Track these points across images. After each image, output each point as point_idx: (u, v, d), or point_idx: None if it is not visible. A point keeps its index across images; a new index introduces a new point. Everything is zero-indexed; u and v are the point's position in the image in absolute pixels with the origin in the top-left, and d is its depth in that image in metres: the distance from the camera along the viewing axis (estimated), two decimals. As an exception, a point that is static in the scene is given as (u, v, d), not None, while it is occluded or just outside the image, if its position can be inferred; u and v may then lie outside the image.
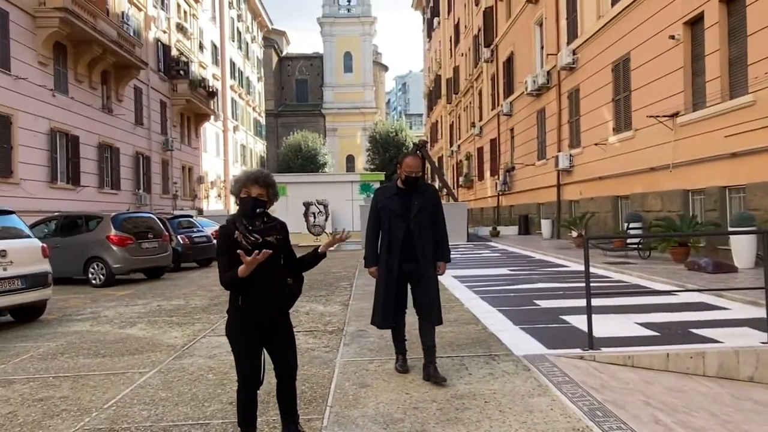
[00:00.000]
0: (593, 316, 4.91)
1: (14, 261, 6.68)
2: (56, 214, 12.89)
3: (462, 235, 20.18)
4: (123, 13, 24.25)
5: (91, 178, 21.04)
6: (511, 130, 25.65)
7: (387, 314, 4.19)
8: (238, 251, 2.67)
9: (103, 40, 20.21)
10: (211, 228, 15.20)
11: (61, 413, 3.75)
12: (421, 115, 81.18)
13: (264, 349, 2.95)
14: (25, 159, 16.94)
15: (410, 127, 54.46)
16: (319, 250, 3.06)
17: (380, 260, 4.21)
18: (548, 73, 20.17)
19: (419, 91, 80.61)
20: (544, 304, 7.24)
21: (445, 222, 4.35)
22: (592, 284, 5.18)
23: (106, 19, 20.98)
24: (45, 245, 7.45)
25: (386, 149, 47.63)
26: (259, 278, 2.77)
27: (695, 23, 11.79)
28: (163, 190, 28.36)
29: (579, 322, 5.87)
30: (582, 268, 11.10)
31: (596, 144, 16.07)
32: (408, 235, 4.12)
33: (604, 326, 5.57)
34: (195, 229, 14.55)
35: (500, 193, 27.03)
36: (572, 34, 18.22)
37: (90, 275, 11.03)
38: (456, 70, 39.13)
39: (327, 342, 5.55)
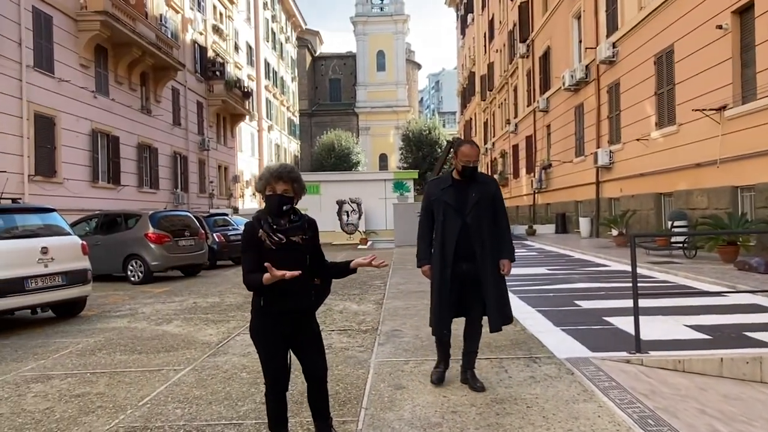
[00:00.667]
0: (639, 317, 4.67)
1: (55, 258, 6.81)
2: (97, 212, 13.18)
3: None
4: (161, 15, 24.73)
5: (131, 178, 21.51)
6: (548, 126, 25.13)
7: (442, 319, 3.81)
8: (266, 264, 2.55)
9: (142, 42, 20.63)
10: (246, 226, 15.33)
11: (96, 410, 3.75)
12: (454, 113, 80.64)
13: (292, 350, 2.84)
14: (67, 159, 17.43)
15: (443, 126, 54.04)
16: (350, 265, 2.87)
17: (434, 258, 3.86)
18: (587, 67, 19.65)
19: (452, 89, 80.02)
20: (585, 304, 6.98)
21: (507, 217, 4.00)
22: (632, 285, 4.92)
23: (144, 21, 21.41)
24: (85, 242, 7.57)
25: (419, 147, 47.43)
26: (283, 280, 2.60)
27: (744, 12, 11.24)
28: (200, 189, 28.84)
29: (623, 323, 5.62)
30: (624, 267, 10.77)
31: (638, 139, 15.55)
32: (464, 230, 3.75)
33: (651, 328, 5.31)
34: (230, 227, 14.71)
35: (536, 191, 26.51)
36: (612, 27, 17.68)
37: (129, 272, 11.23)
38: (490, 66, 38.60)
39: (361, 341, 5.44)
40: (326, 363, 2.93)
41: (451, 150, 24.83)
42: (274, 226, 2.70)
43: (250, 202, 36.69)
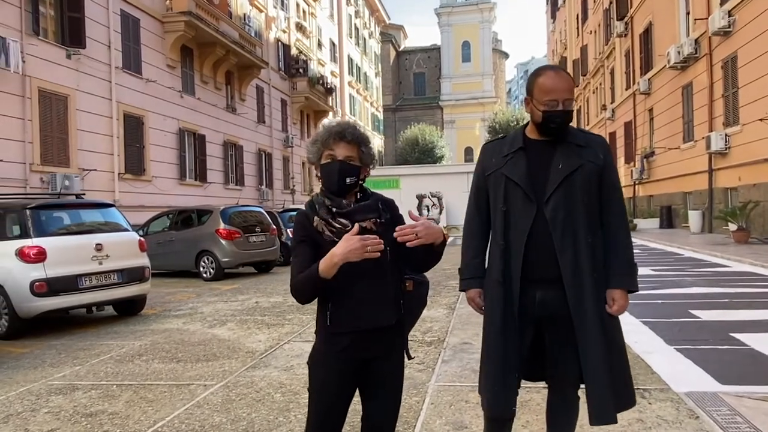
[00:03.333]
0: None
1: (110, 255, 6.55)
2: (171, 208, 13.23)
3: (592, 228, 18.11)
4: (245, 14, 25.10)
5: (217, 175, 21.94)
6: (650, 110, 22.82)
7: (501, 389, 2.13)
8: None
9: (226, 42, 20.89)
10: (321, 222, 14.96)
11: (100, 436, 3.21)
12: (544, 103, 77.02)
13: (358, 388, 1.96)
14: (156, 157, 17.93)
15: (533, 116, 51.63)
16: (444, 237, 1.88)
17: (488, 278, 2.21)
18: (696, 41, 17.42)
19: (543, 78, 76.45)
20: (704, 315, 5.69)
21: (625, 209, 2.28)
22: (762, 290, 3.71)
23: (228, 21, 21.71)
24: (143, 239, 7.31)
25: (507, 139, 45.48)
26: (353, 284, 1.81)
27: None
28: (285, 186, 29.15)
29: (760, 343, 4.38)
30: (749, 268, 9.11)
31: (761, 120, 13.41)
32: (540, 229, 2.09)
33: (802, 352, 4.05)
34: (304, 223, 14.37)
35: (636, 181, 24.24)
36: (728, -8, 15.48)
37: (201, 269, 11.09)
38: (584, 49, 36.11)
39: (423, 357, 4.60)
40: (396, 417, 1.97)
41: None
42: (334, 209, 1.87)
43: (334, 198, 36.76)
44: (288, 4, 30.54)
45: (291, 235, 8.65)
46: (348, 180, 1.87)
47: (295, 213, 15.06)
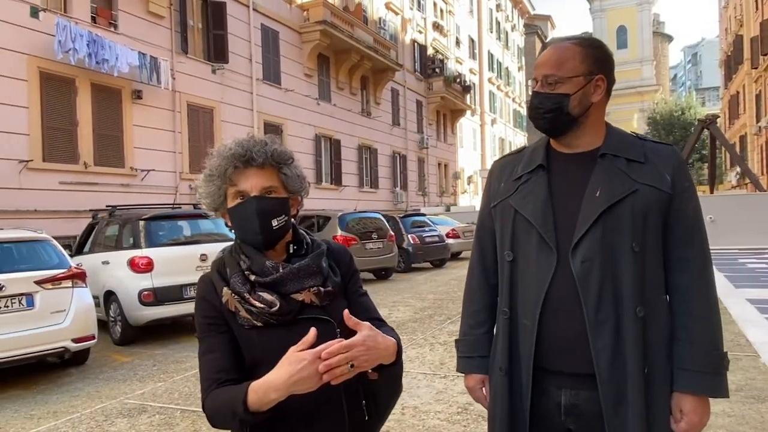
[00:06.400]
0: None
1: (214, 266, 6.64)
2: (301, 214, 13.59)
3: (771, 235, 15.25)
4: (380, 19, 25.35)
5: (352, 178, 22.39)
6: None
7: None
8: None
9: (360, 47, 21.20)
10: (446, 227, 14.43)
11: (132, 477, 3.02)
12: (717, 89, 68.44)
13: None
14: (293, 163, 18.73)
15: (702, 104, 46.00)
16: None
17: (492, 361, 1.50)
18: None
19: (714, 61, 67.91)
20: None
21: (708, 261, 1.36)
22: None
23: (362, 26, 22.02)
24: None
25: (669, 131, 40.94)
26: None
27: None
28: (419, 187, 29.00)
29: None
30: None
31: None
32: (563, 295, 1.34)
33: None
34: (427, 228, 13.91)
35: (835, 178, 20.07)
36: None
37: (320, 275, 11.17)
38: (764, 24, 30.97)
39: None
40: None
41: (704, 129, 19.60)
42: (253, 276, 1.26)
43: (471, 200, 35.89)
44: (425, 4, 30.34)
45: (411, 242, 7.49)
46: (275, 223, 1.28)
47: (417, 218, 14.77)
